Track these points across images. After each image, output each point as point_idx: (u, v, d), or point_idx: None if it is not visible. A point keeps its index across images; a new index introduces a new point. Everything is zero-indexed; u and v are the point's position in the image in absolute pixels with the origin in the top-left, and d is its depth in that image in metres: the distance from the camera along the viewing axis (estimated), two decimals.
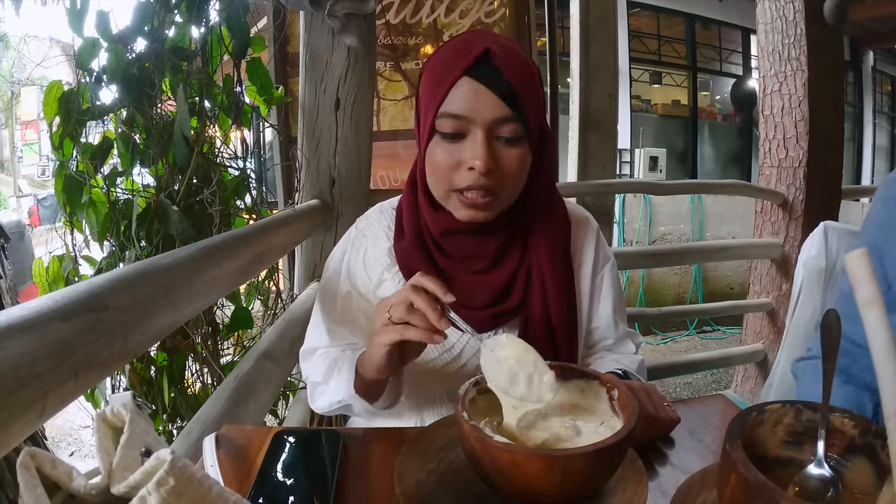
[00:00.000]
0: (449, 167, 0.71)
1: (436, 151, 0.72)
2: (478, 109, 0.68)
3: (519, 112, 0.69)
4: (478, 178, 0.69)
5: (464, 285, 0.76)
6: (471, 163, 0.68)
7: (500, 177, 0.70)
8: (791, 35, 2.64)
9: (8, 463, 1.23)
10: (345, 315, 0.82)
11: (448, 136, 0.70)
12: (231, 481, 0.56)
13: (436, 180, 0.74)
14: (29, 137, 15.74)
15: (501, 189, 0.71)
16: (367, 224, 0.86)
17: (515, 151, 0.70)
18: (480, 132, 0.68)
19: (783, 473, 0.46)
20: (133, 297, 0.63)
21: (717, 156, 8.23)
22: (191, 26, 1.52)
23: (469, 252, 0.78)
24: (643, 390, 0.66)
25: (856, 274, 0.40)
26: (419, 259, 0.77)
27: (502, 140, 0.70)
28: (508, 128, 0.69)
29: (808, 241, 1.52)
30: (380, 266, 0.81)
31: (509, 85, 0.68)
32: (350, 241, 0.85)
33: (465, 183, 0.70)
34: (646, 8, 7.22)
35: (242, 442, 0.64)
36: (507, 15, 2.67)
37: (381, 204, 0.88)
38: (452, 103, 0.69)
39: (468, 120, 0.68)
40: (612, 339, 0.87)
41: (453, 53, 0.70)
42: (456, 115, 0.68)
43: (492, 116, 0.68)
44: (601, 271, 0.86)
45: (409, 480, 0.53)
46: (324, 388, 0.77)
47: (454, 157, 0.70)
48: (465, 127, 0.69)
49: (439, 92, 0.69)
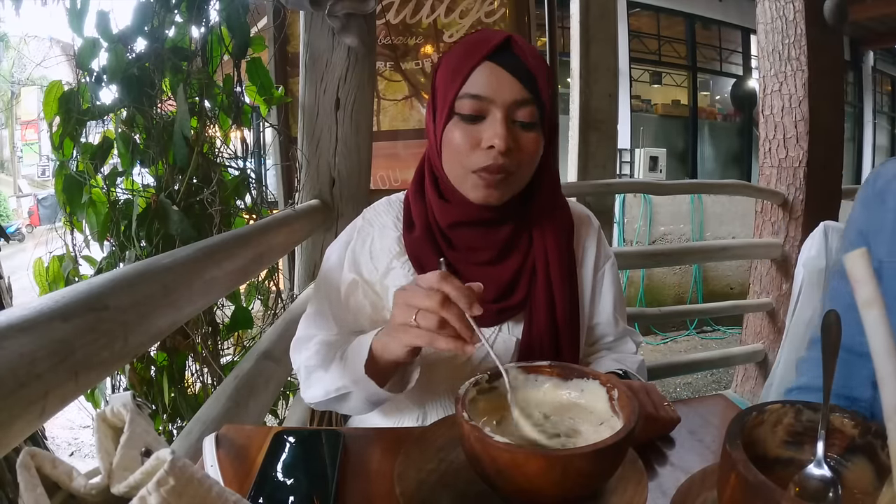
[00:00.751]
0: (468, 148, 0.72)
1: (454, 133, 0.73)
2: (498, 91, 0.70)
3: (536, 97, 0.71)
4: (496, 157, 0.71)
5: (470, 279, 0.77)
6: (491, 141, 0.70)
7: (517, 158, 0.72)
8: (791, 35, 2.64)
9: (8, 463, 1.23)
10: (349, 303, 0.82)
11: (467, 118, 0.72)
12: (231, 481, 0.56)
13: (453, 161, 0.75)
14: (29, 137, 15.76)
15: (517, 170, 0.73)
16: (374, 214, 0.86)
17: (531, 135, 0.73)
18: (500, 112, 0.71)
19: (783, 473, 0.46)
20: (133, 297, 0.63)
21: (717, 156, 8.22)
22: (191, 26, 1.52)
23: (475, 243, 0.79)
24: (643, 390, 0.67)
25: (855, 274, 0.40)
26: (429, 250, 0.78)
27: (519, 124, 0.72)
28: (526, 111, 0.71)
29: (808, 241, 1.52)
30: (388, 254, 0.81)
31: (528, 70, 0.71)
32: (356, 229, 0.86)
33: (483, 163, 0.72)
34: (646, 8, 7.22)
35: (242, 442, 0.64)
36: (507, 15, 2.67)
37: (389, 197, 0.89)
38: (474, 85, 0.71)
39: (488, 101, 0.71)
40: (613, 336, 0.88)
41: (475, 41, 0.74)
42: (477, 95, 0.71)
43: (511, 98, 0.71)
44: (602, 269, 0.87)
45: (409, 480, 0.53)
46: (322, 374, 0.76)
47: (473, 137, 0.72)
48: (485, 108, 0.71)
49: (460, 75, 0.72)
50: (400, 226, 0.83)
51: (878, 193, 0.70)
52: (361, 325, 0.81)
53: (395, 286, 0.77)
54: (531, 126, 0.73)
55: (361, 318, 0.81)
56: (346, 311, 0.82)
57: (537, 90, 0.71)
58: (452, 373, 0.78)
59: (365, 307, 0.81)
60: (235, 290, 1.61)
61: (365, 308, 0.81)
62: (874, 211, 0.71)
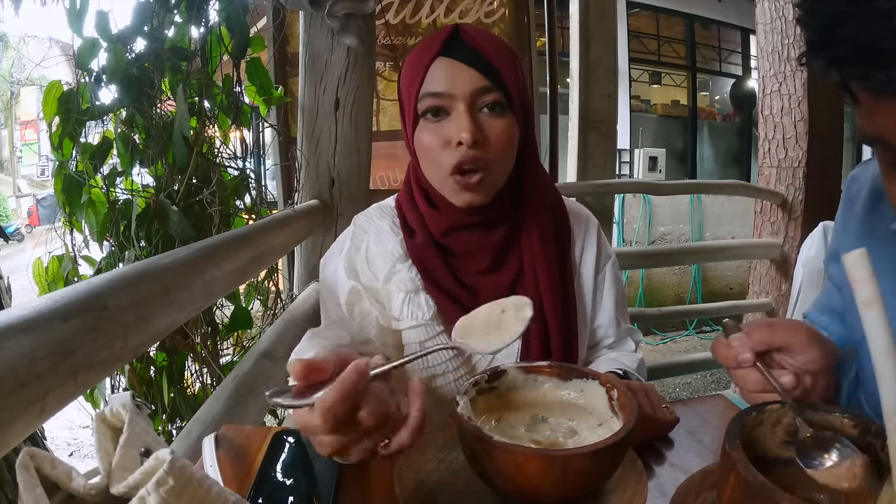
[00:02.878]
0: (438, 148, 0.71)
1: (423, 135, 0.73)
2: (456, 84, 0.69)
3: (497, 81, 0.70)
4: (466, 152, 0.69)
5: (474, 288, 0.77)
6: (458, 136, 0.69)
7: (488, 148, 0.71)
8: (791, 35, 2.64)
9: (8, 463, 1.23)
10: (353, 312, 0.80)
11: (432, 117, 0.71)
12: (230, 481, 0.56)
13: (429, 165, 0.74)
14: (28, 137, 15.75)
15: (491, 163, 0.72)
16: (366, 220, 0.85)
17: (501, 122, 0.71)
18: (462, 105, 0.69)
19: (783, 473, 0.46)
20: (133, 297, 0.63)
21: (717, 156, 8.22)
22: (190, 26, 1.52)
23: (471, 249, 0.78)
24: (642, 390, 0.67)
25: (855, 274, 0.40)
26: (433, 255, 0.78)
27: (486, 111, 0.71)
28: (490, 97, 0.70)
29: (808, 241, 1.52)
30: (390, 258, 0.79)
31: (482, 56, 0.70)
32: (349, 237, 0.84)
33: (455, 160, 0.70)
34: (645, 8, 7.22)
35: (242, 442, 0.64)
36: (507, 15, 2.67)
37: (379, 203, 0.88)
38: (431, 83, 0.71)
39: (449, 96, 0.70)
40: (614, 336, 0.87)
41: (427, 41, 0.73)
42: (436, 93, 0.70)
43: (471, 88, 0.69)
44: (603, 269, 0.86)
45: (409, 480, 0.53)
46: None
47: (441, 136, 0.71)
48: (448, 103, 0.70)
49: (417, 77, 0.71)
50: (398, 230, 0.81)
51: (850, 198, 0.71)
52: (368, 332, 0.78)
53: (400, 290, 0.76)
54: (499, 110, 0.71)
55: (368, 326, 0.78)
56: (351, 321, 0.79)
57: (497, 75, 0.70)
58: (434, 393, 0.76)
59: (371, 314, 0.78)
60: (235, 290, 1.61)
61: (372, 314, 0.78)
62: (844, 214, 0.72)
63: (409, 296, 0.76)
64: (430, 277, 0.77)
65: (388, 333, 0.77)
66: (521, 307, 0.54)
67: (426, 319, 0.75)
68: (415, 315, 0.75)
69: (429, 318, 0.75)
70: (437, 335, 0.75)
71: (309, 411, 0.43)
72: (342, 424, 0.43)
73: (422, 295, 0.76)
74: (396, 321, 0.76)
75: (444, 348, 0.54)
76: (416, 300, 0.76)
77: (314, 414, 0.43)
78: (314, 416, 0.43)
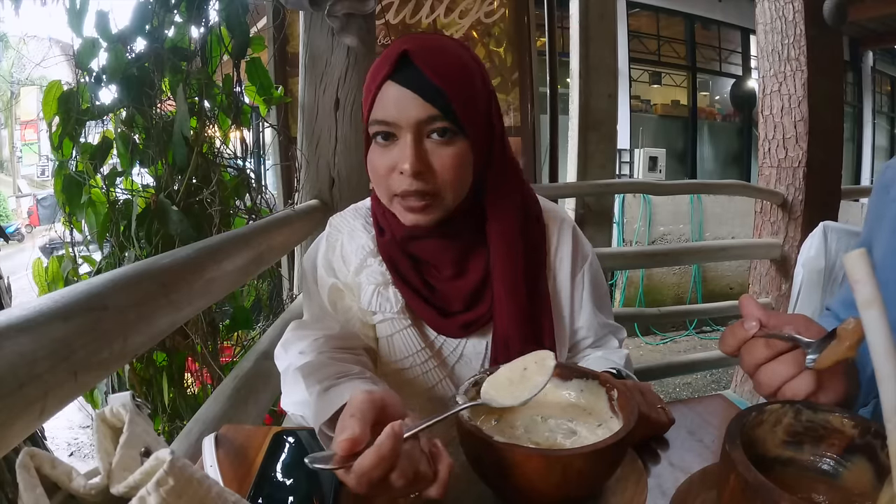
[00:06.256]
0: (385, 172, 0.71)
1: (373, 157, 0.72)
2: (402, 113, 0.68)
3: (445, 109, 0.68)
4: (410, 182, 0.68)
5: (443, 294, 0.77)
6: (401, 167, 0.68)
7: (434, 178, 0.69)
8: (790, 35, 2.64)
9: (8, 463, 1.23)
10: (336, 307, 0.82)
11: (382, 140, 0.71)
12: (230, 481, 0.56)
13: (377, 187, 0.74)
14: (28, 137, 15.76)
15: (439, 191, 0.70)
16: (341, 220, 0.86)
17: (450, 150, 0.69)
18: (408, 134, 0.68)
19: (783, 473, 0.46)
20: (133, 297, 0.63)
21: (717, 156, 8.23)
22: (190, 26, 1.52)
23: (433, 258, 0.78)
24: (637, 390, 0.66)
25: (855, 274, 0.40)
26: (400, 255, 0.78)
27: (435, 137, 0.69)
28: (437, 125, 0.68)
29: (808, 241, 1.52)
30: (361, 252, 0.80)
31: (431, 83, 0.67)
32: (325, 237, 0.86)
33: (400, 188, 0.69)
34: (645, 8, 7.22)
35: (242, 442, 0.64)
36: (507, 15, 2.68)
37: (355, 204, 0.89)
38: (379, 110, 0.69)
39: (394, 125, 0.68)
40: (594, 336, 0.86)
41: (379, 61, 0.71)
42: (383, 121, 0.69)
43: (416, 118, 0.67)
44: (580, 271, 0.85)
45: None
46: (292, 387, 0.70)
47: (388, 161, 0.70)
48: (394, 130, 0.69)
49: (368, 101, 0.70)
50: (370, 229, 0.82)
51: (885, 185, 0.71)
52: (353, 326, 0.80)
53: (370, 283, 0.77)
54: (449, 137, 0.69)
55: (351, 320, 0.80)
56: (336, 315, 0.81)
57: (446, 102, 0.67)
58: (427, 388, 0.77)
59: (353, 309, 0.80)
60: (235, 290, 1.61)
61: (353, 310, 0.80)
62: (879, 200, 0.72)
63: (379, 289, 0.77)
64: (399, 273, 0.78)
65: (367, 327, 0.78)
66: (542, 359, 0.55)
67: (394, 313, 0.76)
68: (383, 308, 0.77)
69: (396, 311, 0.76)
70: (404, 329, 0.77)
71: (345, 472, 0.46)
72: (376, 486, 0.45)
73: (391, 289, 0.77)
74: (371, 315, 0.78)
75: (473, 405, 0.54)
76: (384, 294, 0.77)
77: (349, 476, 0.45)
78: (349, 478, 0.45)
